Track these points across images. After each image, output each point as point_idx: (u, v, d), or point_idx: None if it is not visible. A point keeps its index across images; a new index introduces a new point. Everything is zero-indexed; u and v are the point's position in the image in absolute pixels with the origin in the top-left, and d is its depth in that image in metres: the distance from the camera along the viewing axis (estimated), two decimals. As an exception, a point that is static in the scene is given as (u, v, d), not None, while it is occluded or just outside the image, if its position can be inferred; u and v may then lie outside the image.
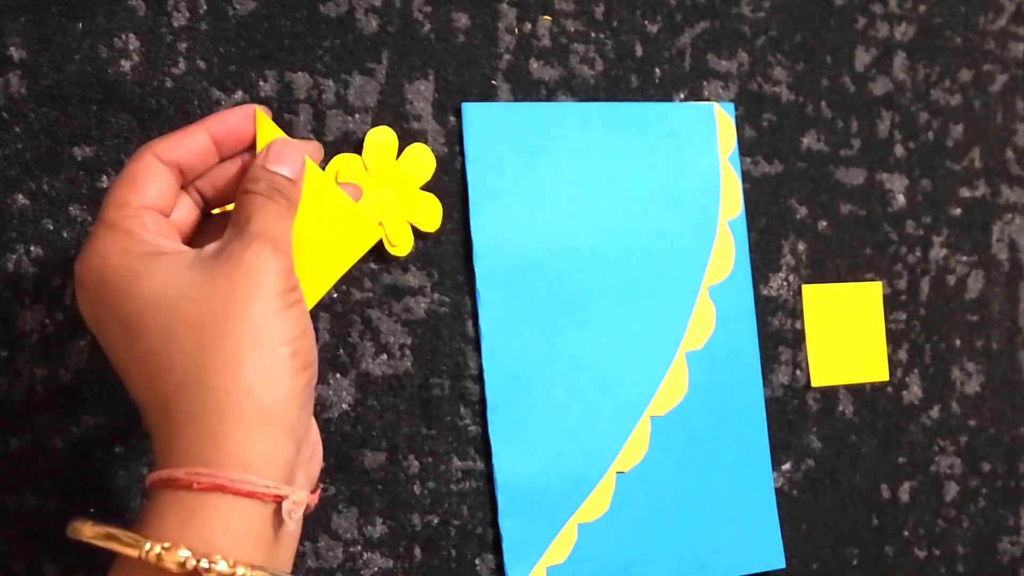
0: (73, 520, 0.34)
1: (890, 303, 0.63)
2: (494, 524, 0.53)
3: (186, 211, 0.40)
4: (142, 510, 0.34)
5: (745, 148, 0.60)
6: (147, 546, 0.31)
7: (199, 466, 0.32)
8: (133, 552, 0.31)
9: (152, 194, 0.37)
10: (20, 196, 0.48)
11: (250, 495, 0.32)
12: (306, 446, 0.37)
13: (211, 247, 0.36)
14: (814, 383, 0.61)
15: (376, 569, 0.51)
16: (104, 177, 0.49)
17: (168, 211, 0.39)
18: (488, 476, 0.53)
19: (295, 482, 0.35)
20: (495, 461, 0.53)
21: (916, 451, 0.63)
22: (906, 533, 0.63)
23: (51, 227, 0.48)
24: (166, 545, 0.31)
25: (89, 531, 0.33)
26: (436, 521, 0.53)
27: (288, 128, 0.51)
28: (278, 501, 0.33)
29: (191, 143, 0.39)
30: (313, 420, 0.39)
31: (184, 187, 0.40)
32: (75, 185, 0.48)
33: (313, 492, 0.38)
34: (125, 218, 0.37)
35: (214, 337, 0.33)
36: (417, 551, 0.52)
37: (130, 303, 0.35)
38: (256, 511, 0.32)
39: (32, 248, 0.48)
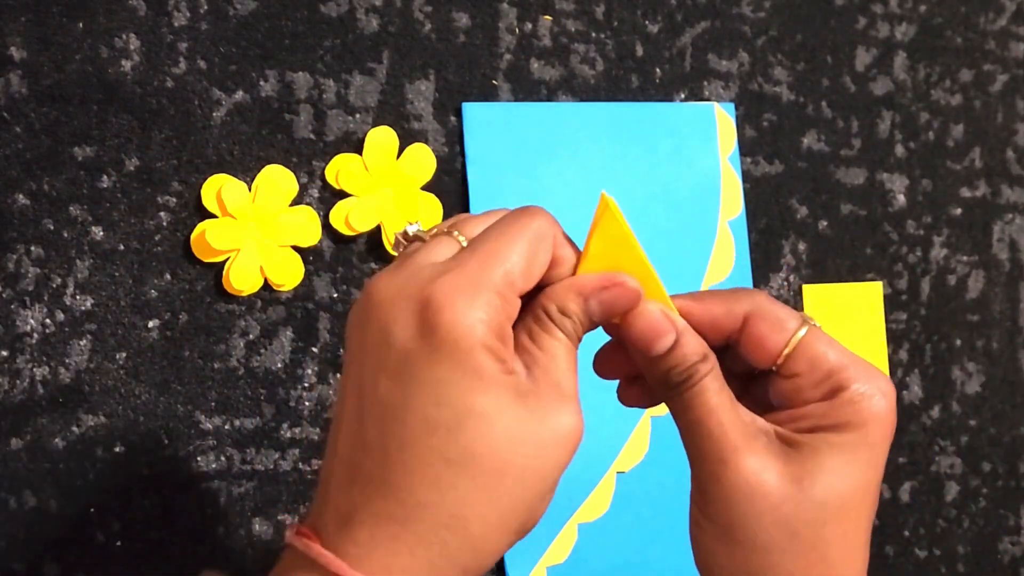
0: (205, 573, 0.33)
1: (890, 303, 0.63)
2: (494, 524, 0.53)
3: None
4: (280, 561, 0.32)
5: (745, 148, 0.60)
6: None
7: (377, 569, 0.31)
8: None
9: (531, 282, 0.34)
10: (20, 196, 0.48)
11: None
12: None
13: (524, 375, 0.33)
14: (814, 383, 0.61)
15: (376, 569, 0.51)
16: (104, 177, 0.49)
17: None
18: (488, 476, 0.53)
19: None
20: (495, 461, 0.53)
21: (916, 451, 0.63)
22: (907, 533, 0.63)
23: (51, 227, 0.48)
24: None
25: None
26: (436, 521, 0.53)
27: (288, 128, 0.52)
28: None
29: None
30: None
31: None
32: (75, 185, 0.48)
33: None
34: (507, 303, 0.33)
35: (505, 497, 0.31)
36: (417, 551, 0.52)
37: (468, 399, 0.31)
38: None
39: (32, 248, 0.48)
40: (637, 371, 0.37)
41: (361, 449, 0.32)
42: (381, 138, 0.52)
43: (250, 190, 0.50)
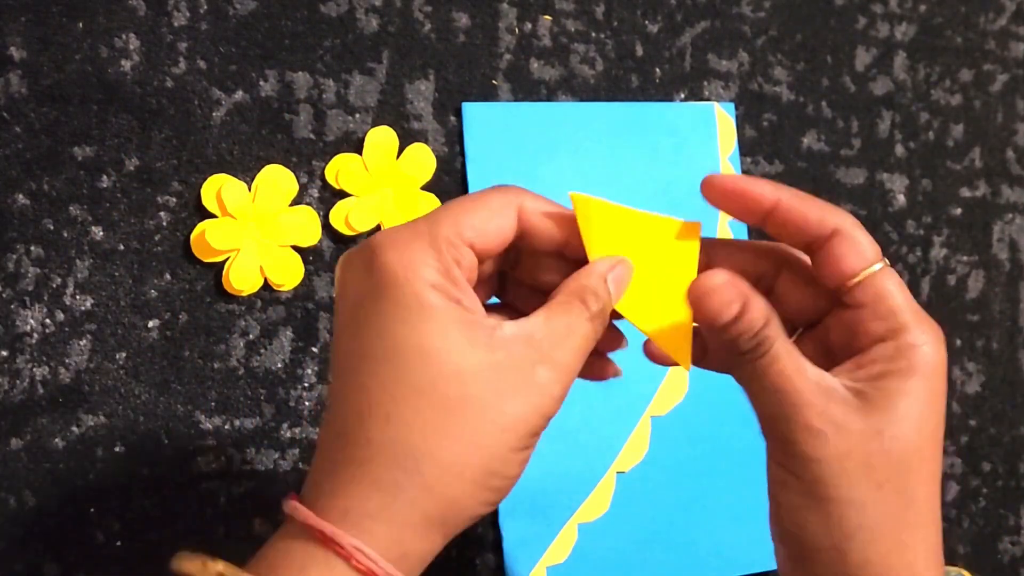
0: (181, 553, 0.33)
1: (890, 303, 0.63)
2: (494, 524, 0.53)
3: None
4: (281, 539, 0.32)
5: (745, 148, 0.60)
6: None
7: (363, 539, 0.31)
8: None
9: (490, 238, 0.34)
10: (20, 196, 0.48)
11: (369, 574, 0.31)
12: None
13: (509, 331, 0.32)
14: (814, 383, 0.61)
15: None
16: (104, 177, 0.49)
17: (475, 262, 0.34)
18: (488, 476, 0.53)
19: None
20: (495, 461, 0.53)
21: (916, 451, 0.63)
22: (906, 533, 0.63)
23: (51, 227, 0.48)
24: None
25: (193, 567, 0.32)
26: (436, 521, 0.53)
27: (288, 128, 0.52)
28: None
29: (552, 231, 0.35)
30: None
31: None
32: (75, 185, 0.48)
33: None
34: (452, 246, 0.33)
35: (454, 432, 0.31)
36: (417, 551, 0.52)
37: (415, 336, 0.31)
38: None
39: (32, 248, 0.48)
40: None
41: (330, 404, 0.33)
42: (381, 138, 0.52)
43: (250, 190, 0.50)
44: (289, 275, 0.51)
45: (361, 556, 0.30)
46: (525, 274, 0.37)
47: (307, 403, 0.51)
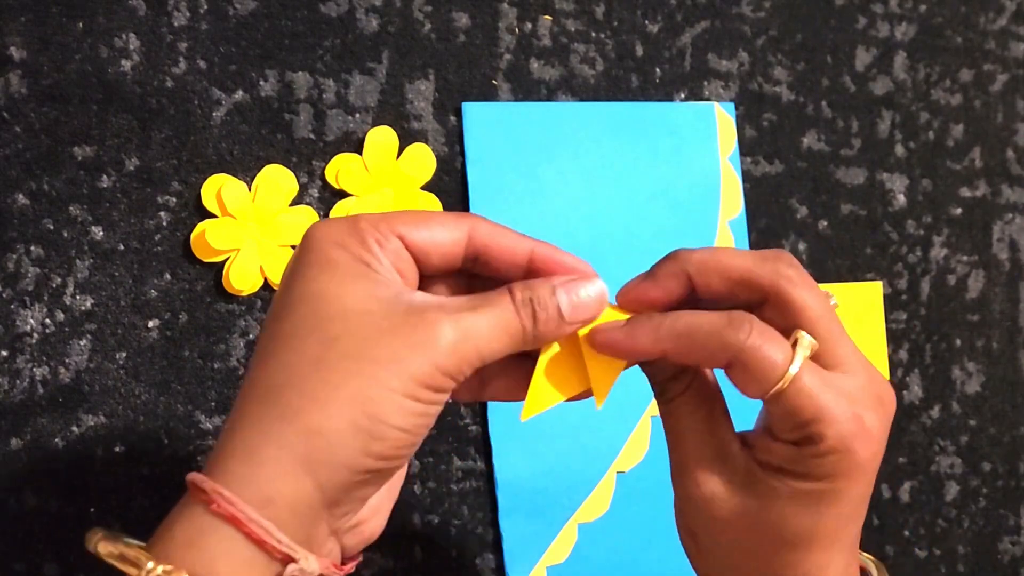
0: (92, 530, 0.32)
1: (890, 303, 0.63)
2: (494, 524, 0.53)
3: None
4: (175, 506, 0.32)
5: (745, 148, 0.60)
6: (149, 565, 0.29)
7: (224, 480, 0.30)
8: (135, 572, 0.30)
9: (423, 237, 0.33)
10: (20, 196, 0.48)
11: (261, 543, 0.30)
12: (345, 515, 0.33)
13: (422, 295, 0.32)
14: (814, 383, 0.61)
15: (376, 569, 0.51)
16: (104, 177, 0.49)
17: (410, 262, 0.34)
18: (488, 476, 0.53)
19: (315, 543, 0.32)
20: (495, 461, 0.53)
21: (916, 451, 0.63)
22: (907, 533, 0.63)
23: (51, 227, 0.48)
24: (168, 568, 0.29)
25: (101, 545, 0.31)
26: (436, 521, 0.53)
27: (288, 128, 0.52)
28: (286, 561, 0.30)
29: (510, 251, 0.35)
30: (384, 503, 0.37)
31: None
32: (75, 185, 0.48)
33: (343, 565, 0.35)
34: (375, 228, 0.33)
35: (328, 365, 0.30)
36: (417, 551, 0.52)
37: (311, 283, 0.31)
38: (260, 560, 0.30)
39: (32, 248, 0.48)
40: None
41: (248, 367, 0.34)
42: (381, 138, 0.52)
43: (250, 190, 0.50)
44: (289, 275, 0.51)
45: (220, 499, 0.29)
46: None
47: (307, 403, 0.51)
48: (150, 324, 0.49)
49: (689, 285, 0.35)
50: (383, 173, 0.52)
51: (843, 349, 0.34)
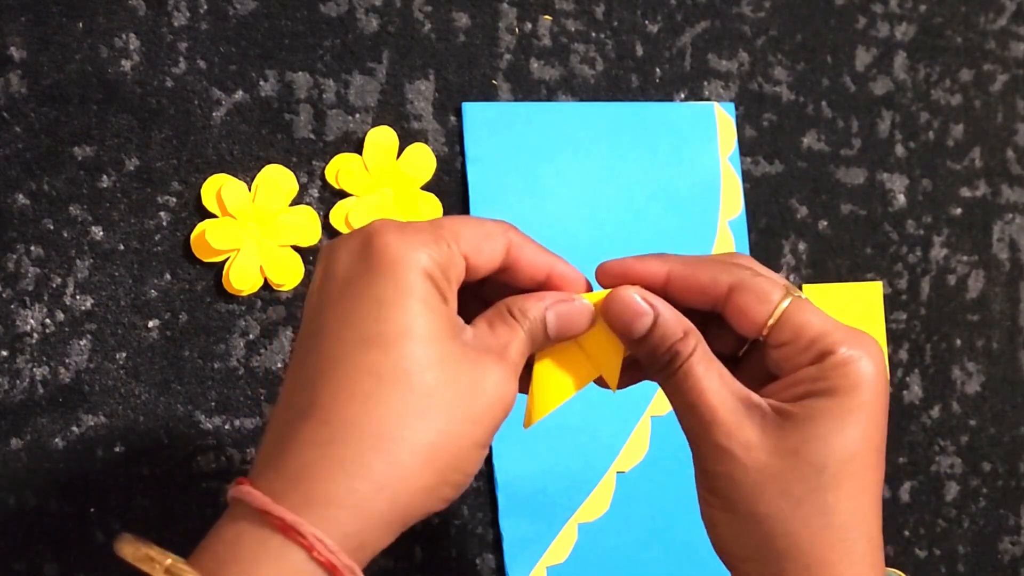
0: (125, 536, 0.31)
1: (890, 303, 0.63)
2: (494, 524, 0.53)
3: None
4: (231, 523, 0.30)
5: (745, 148, 0.60)
6: None
7: (324, 527, 0.29)
8: None
9: (483, 257, 0.34)
10: (20, 196, 0.48)
11: (329, 567, 0.29)
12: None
13: (470, 334, 0.33)
14: (814, 383, 0.61)
15: (376, 569, 0.51)
16: (104, 177, 0.49)
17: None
18: (488, 476, 0.53)
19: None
20: (495, 461, 0.53)
21: (916, 451, 0.63)
22: (907, 533, 0.63)
23: (51, 227, 0.48)
24: None
25: (131, 551, 0.30)
26: (436, 521, 0.53)
27: (288, 128, 0.51)
28: None
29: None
30: None
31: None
32: (75, 185, 0.48)
33: None
34: (452, 252, 0.33)
35: (433, 421, 0.31)
36: (417, 551, 0.52)
37: (406, 317, 0.31)
38: None
39: (32, 248, 0.48)
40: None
41: (295, 379, 0.32)
42: (381, 138, 0.52)
43: (250, 190, 0.50)
44: (289, 275, 0.51)
45: (322, 547, 0.29)
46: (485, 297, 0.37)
47: (307, 403, 0.51)
48: (150, 324, 0.49)
49: (664, 282, 0.36)
50: (383, 173, 0.52)
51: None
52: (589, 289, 0.37)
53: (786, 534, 0.34)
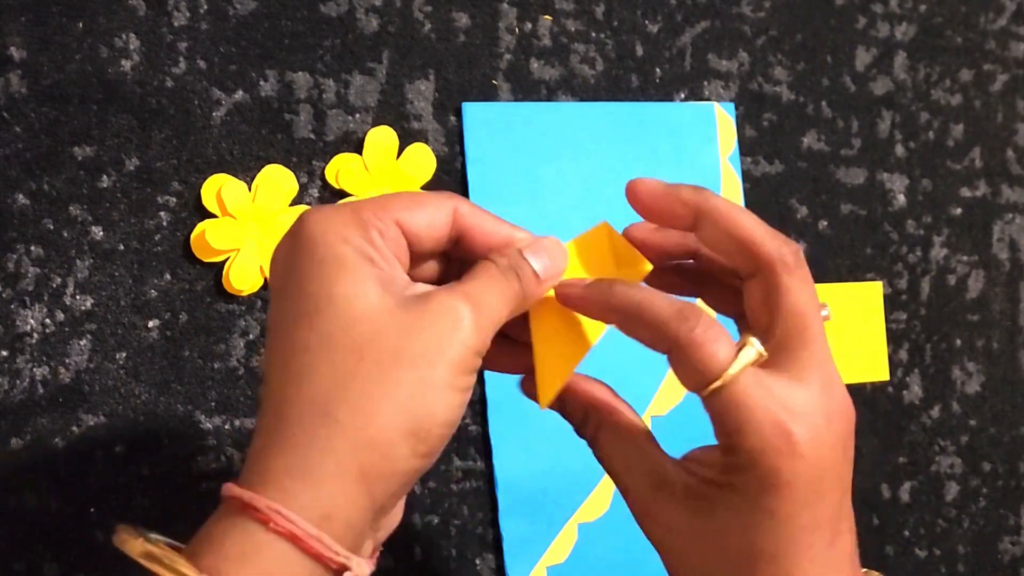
0: (120, 528, 0.32)
1: (890, 303, 0.63)
2: (494, 524, 0.53)
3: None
4: (212, 517, 0.31)
5: (745, 148, 0.60)
6: None
7: (280, 498, 0.29)
8: None
9: (418, 222, 0.33)
10: (20, 196, 0.48)
11: (319, 556, 0.30)
12: (387, 515, 0.35)
13: (421, 285, 0.33)
14: (814, 383, 0.61)
15: (377, 569, 0.51)
16: (104, 177, 0.49)
17: (407, 250, 0.34)
18: (488, 476, 0.53)
19: (360, 549, 0.32)
20: (495, 461, 0.53)
21: (916, 451, 0.63)
22: (907, 533, 0.63)
23: (51, 227, 0.48)
24: None
25: (139, 549, 0.31)
26: (436, 521, 0.53)
27: (288, 128, 0.51)
28: (341, 570, 0.30)
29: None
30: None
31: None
32: (75, 185, 0.48)
33: (371, 556, 0.35)
34: (376, 217, 0.33)
35: (367, 373, 0.30)
36: (417, 551, 0.52)
37: (326, 286, 0.31)
38: (317, 572, 0.30)
39: (32, 248, 0.48)
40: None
41: (263, 375, 0.33)
42: (381, 138, 0.52)
43: (250, 190, 0.50)
44: (289, 275, 0.51)
45: (279, 518, 0.29)
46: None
47: (307, 403, 0.51)
48: (150, 324, 0.49)
49: (692, 226, 0.35)
50: (383, 173, 0.52)
51: (807, 354, 0.32)
52: None
53: None
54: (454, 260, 0.36)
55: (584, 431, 0.37)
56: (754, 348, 0.32)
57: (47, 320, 0.48)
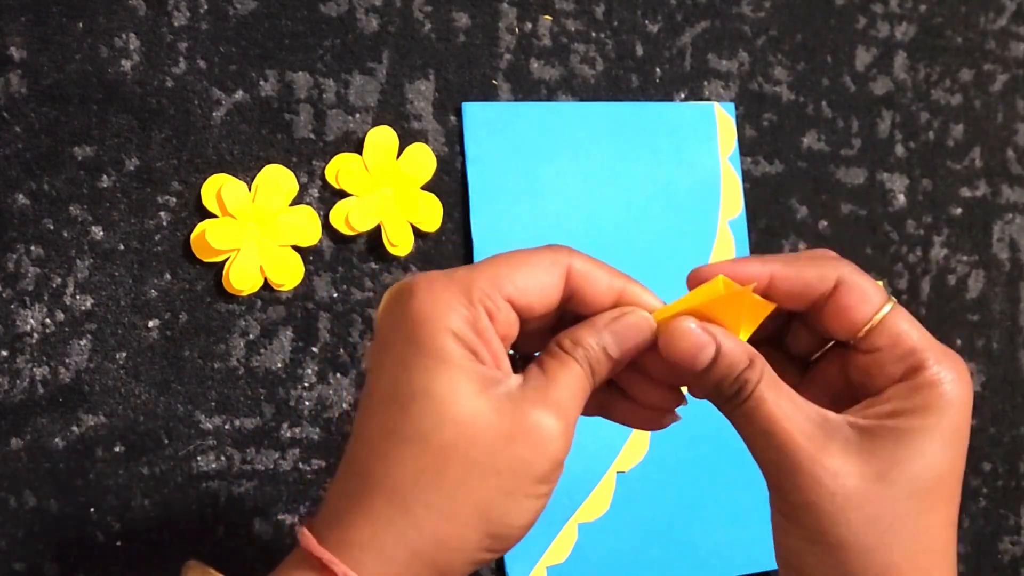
0: (191, 563, 0.33)
1: (890, 303, 0.63)
2: (494, 524, 0.53)
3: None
4: (287, 562, 0.33)
5: (745, 148, 0.60)
6: None
7: (354, 568, 0.31)
8: None
9: (531, 294, 0.33)
10: (20, 196, 0.48)
11: None
12: None
13: (514, 383, 0.32)
14: (814, 383, 0.61)
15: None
16: (104, 177, 0.49)
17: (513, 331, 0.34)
18: (488, 476, 0.53)
19: None
20: (495, 461, 0.53)
21: (916, 451, 0.63)
22: (906, 533, 0.63)
23: (51, 227, 0.48)
24: None
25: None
26: (436, 521, 0.53)
27: (288, 128, 0.51)
28: None
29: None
30: None
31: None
32: (75, 185, 0.48)
33: None
34: (487, 297, 0.32)
35: (452, 477, 0.31)
36: (417, 551, 0.52)
37: (425, 379, 0.31)
38: None
39: (32, 248, 0.48)
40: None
41: (350, 437, 0.34)
42: (381, 138, 0.52)
43: (250, 190, 0.50)
44: (289, 275, 0.51)
45: None
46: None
47: (307, 403, 0.51)
48: (150, 324, 0.49)
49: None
50: (383, 173, 0.52)
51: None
52: None
53: (881, 563, 0.32)
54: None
55: (748, 381, 0.33)
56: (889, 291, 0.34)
57: (47, 320, 0.48)
